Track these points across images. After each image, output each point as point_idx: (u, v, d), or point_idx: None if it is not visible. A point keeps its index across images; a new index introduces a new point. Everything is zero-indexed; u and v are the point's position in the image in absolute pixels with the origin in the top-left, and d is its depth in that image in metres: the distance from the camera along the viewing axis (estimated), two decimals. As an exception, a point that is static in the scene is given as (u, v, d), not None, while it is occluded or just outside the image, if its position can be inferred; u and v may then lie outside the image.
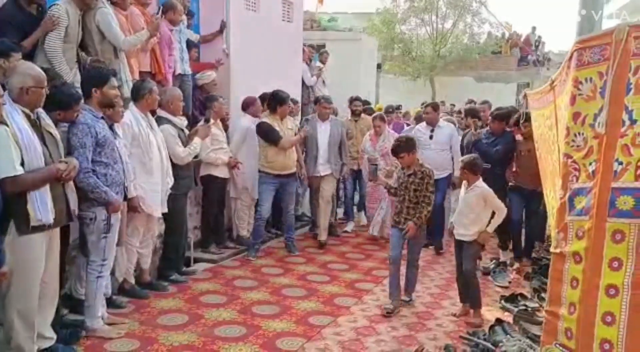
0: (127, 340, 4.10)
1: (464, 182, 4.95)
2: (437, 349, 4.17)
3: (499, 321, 4.42)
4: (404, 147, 4.96)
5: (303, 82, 9.20)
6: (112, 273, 4.65)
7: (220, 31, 6.97)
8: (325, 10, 20.25)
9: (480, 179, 4.86)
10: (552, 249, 3.19)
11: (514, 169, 6.30)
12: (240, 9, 7.13)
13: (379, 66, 23.15)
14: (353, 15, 23.76)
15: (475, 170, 4.83)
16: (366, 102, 9.98)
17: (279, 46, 7.93)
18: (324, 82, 10.31)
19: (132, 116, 4.63)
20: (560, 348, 3.05)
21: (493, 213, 4.80)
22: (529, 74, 22.81)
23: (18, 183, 3.21)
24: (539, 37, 23.97)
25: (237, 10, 7.05)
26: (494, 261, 6.37)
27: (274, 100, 6.49)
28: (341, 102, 10.03)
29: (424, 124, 7.16)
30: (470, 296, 4.86)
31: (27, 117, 3.39)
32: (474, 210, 4.78)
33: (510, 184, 6.31)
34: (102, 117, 4.07)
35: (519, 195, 6.19)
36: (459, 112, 8.82)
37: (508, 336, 4.06)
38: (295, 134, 6.60)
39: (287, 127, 6.53)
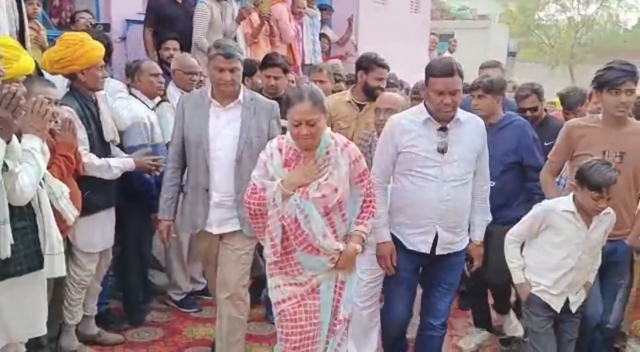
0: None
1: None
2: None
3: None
4: None
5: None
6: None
7: (349, 27, 7.52)
8: (462, -4, 20.03)
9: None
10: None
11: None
12: (369, 3, 7.65)
13: (513, 54, 22.49)
14: (489, 1, 23.26)
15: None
16: None
17: (405, 36, 8.33)
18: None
19: None
20: (648, 322, 3.26)
21: None
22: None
23: None
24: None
25: (366, 4, 7.57)
26: None
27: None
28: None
29: (421, 116, 2.76)
30: None
31: None
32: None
33: None
34: None
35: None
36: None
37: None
38: None
39: None
